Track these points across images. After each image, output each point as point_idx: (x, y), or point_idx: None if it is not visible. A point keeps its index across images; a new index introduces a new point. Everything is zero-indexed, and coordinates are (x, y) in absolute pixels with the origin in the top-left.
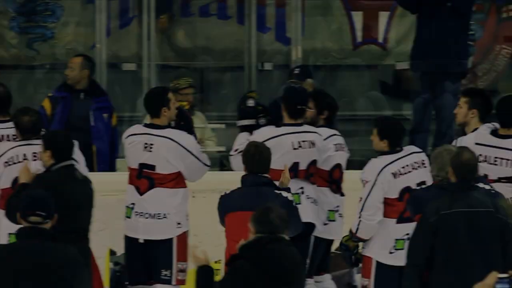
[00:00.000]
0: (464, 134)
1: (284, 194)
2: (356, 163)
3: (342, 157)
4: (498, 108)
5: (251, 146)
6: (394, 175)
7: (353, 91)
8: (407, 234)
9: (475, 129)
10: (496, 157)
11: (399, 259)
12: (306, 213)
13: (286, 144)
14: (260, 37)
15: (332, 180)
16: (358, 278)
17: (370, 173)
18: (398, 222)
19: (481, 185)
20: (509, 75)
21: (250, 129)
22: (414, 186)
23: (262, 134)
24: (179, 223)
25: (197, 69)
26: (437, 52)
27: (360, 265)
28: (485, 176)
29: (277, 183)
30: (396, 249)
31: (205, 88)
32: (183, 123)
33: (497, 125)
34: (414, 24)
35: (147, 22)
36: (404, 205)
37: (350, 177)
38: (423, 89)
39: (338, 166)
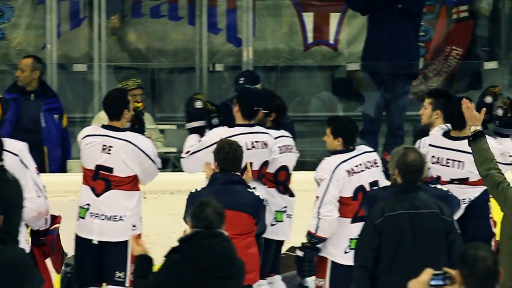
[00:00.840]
0: (426, 134)
1: (256, 192)
2: (309, 164)
3: (288, 159)
4: (450, 110)
5: (225, 144)
6: (349, 173)
7: (305, 92)
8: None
9: None
10: (448, 159)
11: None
12: None
13: (241, 145)
14: (211, 38)
15: (278, 182)
16: (309, 279)
17: (325, 171)
18: (353, 221)
19: (438, 186)
20: (460, 76)
21: (199, 130)
22: (367, 186)
23: (216, 134)
24: (134, 226)
25: (148, 70)
26: (388, 54)
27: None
28: (438, 177)
29: None
30: (351, 249)
31: (156, 89)
32: (137, 126)
33: (450, 126)
34: (365, 25)
35: (98, 23)
36: (358, 204)
37: (303, 178)
38: (380, 89)
39: (283, 168)
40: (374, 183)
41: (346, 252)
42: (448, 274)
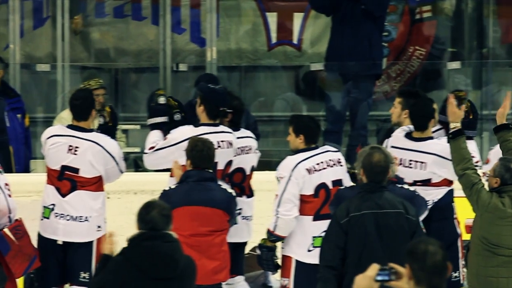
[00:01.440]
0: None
1: (229, 189)
2: (274, 164)
3: (245, 161)
4: (411, 111)
5: (198, 142)
6: (309, 171)
7: (269, 92)
8: (325, 231)
9: None
10: (410, 160)
11: (316, 257)
12: None
13: None
14: (175, 38)
15: (233, 183)
16: (273, 279)
17: (284, 169)
18: (315, 219)
19: (405, 186)
20: (423, 76)
21: (161, 126)
22: (329, 184)
23: (182, 133)
24: (99, 226)
25: (111, 70)
26: (352, 54)
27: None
28: (402, 178)
29: None
30: (314, 247)
31: (119, 89)
32: (111, 124)
33: (412, 127)
34: (329, 25)
35: (61, 23)
36: (320, 202)
37: (267, 178)
38: (342, 90)
39: (239, 170)
40: (337, 182)
41: (309, 251)
42: (394, 269)
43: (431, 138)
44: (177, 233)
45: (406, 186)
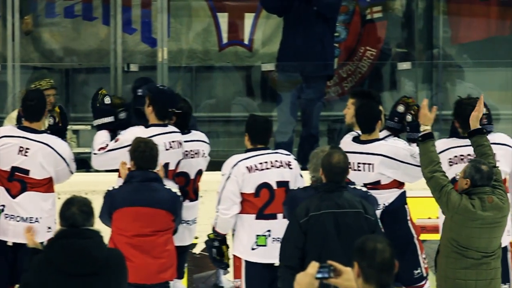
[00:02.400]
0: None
1: (173, 189)
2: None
3: (189, 165)
4: (357, 114)
5: (140, 143)
6: (249, 169)
7: (219, 93)
8: (269, 230)
9: None
10: (359, 163)
11: (262, 255)
12: None
13: (159, 145)
14: (126, 38)
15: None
16: (224, 279)
17: (226, 167)
18: (258, 218)
19: (358, 186)
20: (374, 77)
21: (108, 126)
22: (273, 184)
23: (133, 134)
24: (49, 228)
25: (62, 70)
26: (304, 55)
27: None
28: (352, 183)
29: None
30: (258, 245)
31: (70, 89)
32: (61, 124)
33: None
34: (280, 25)
35: (11, 23)
36: (262, 202)
37: (217, 179)
38: (294, 90)
39: (182, 174)
40: (282, 183)
41: (253, 249)
42: (333, 267)
43: (378, 139)
44: (120, 233)
45: (358, 187)
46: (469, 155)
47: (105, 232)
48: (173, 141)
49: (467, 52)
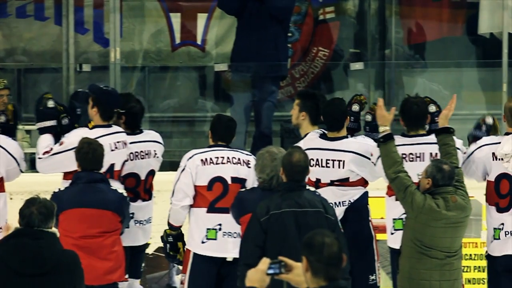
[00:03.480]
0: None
1: (120, 190)
2: (175, 165)
3: (139, 166)
4: (324, 112)
5: (84, 144)
6: (203, 162)
7: (172, 93)
8: (220, 224)
9: (308, 133)
10: (328, 159)
11: (211, 249)
12: None
13: (105, 146)
14: (78, 38)
15: (126, 188)
16: (177, 280)
17: (183, 160)
18: (209, 211)
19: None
20: (326, 77)
21: (51, 130)
22: (228, 179)
23: (78, 137)
24: (0, 228)
25: (14, 70)
26: (257, 56)
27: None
28: (318, 180)
29: None
30: (208, 239)
31: (22, 89)
32: (12, 122)
33: (319, 131)
34: (232, 25)
35: None
36: (215, 195)
37: (171, 179)
38: (247, 90)
39: (132, 175)
40: (238, 180)
41: (203, 242)
42: (284, 263)
43: (346, 137)
44: (67, 235)
45: (311, 188)
46: (410, 154)
47: None
48: (118, 142)
49: (419, 52)
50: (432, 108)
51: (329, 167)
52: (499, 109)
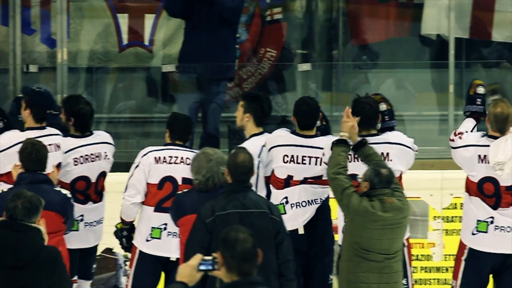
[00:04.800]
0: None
1: (63, 191)
2: (121, 166)
3: (89, 169)
4: (295, 111)
5: (27, 145)
6: (157, 160)
7: (120, 94)
8: (165, 224)
9: (253, 134)
10: (304, 156)
11: (155, 248)
12: None
13: None
14: (25, 39)
15: (75, 190)
16: (124, 280)
17: (138, 157)
18: (156, 210)
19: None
20: (274, 78)
21: None
22: (178, 179)
23: (8, 139)
24: None
25: None
26: (206, 57)
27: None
28: (290, 177)
29: None
30: (152, 237)
31: None
32: None
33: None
34: (180, 26)
35: None
36: (164, 195)
37: (120, 180)
38: (194, 91)
39: (83, 178)
40: (190, 181)
41: (148, 241)
42: (217, 259)
43: (317, 135)
44: None
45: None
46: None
47: None
48: (49, 144)
49: (366, 53)
50: (382, 107)
51: (305, 163)
52: (446, 110)
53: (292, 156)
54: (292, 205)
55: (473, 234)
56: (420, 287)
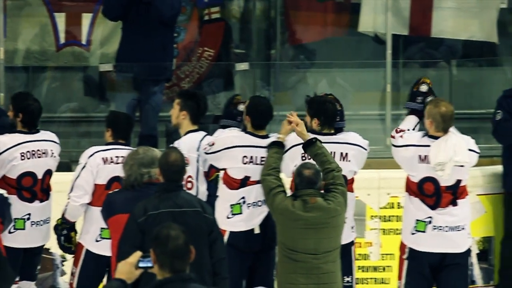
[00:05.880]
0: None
1: (0, 191)
2: (63, 165)
3: (36, 165)
4: (249, 111)
5: None
6: (104, 160)
7: (58, 93)
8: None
9: (189, 131)
10: (262, 157)
11: (105, 248)
12: None
13: None
14: None
15: (22, 187)
16: (61, 281)
17: (83, 157)
18: None
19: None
20: (212, 77)
21: None
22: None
23: None
24: None
25: None
26: (143, 56)
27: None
28: (247, 178)
29: None
30: (102, 238)
31: None
32: None
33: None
34: (118, 26)
35: None
36: None
37: (65, 179)
38: (132, 91)
39: (29, 174)
40: None
41: (97, 241)
42: None
43: (268, 135)
44: None
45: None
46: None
47: None
48: None
49: (304, 52)
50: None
51: (263, 164)
52: (383, 110)
53: (252, 157)
54: (249, 205)
55: (412, 234)
56: (357, 286)
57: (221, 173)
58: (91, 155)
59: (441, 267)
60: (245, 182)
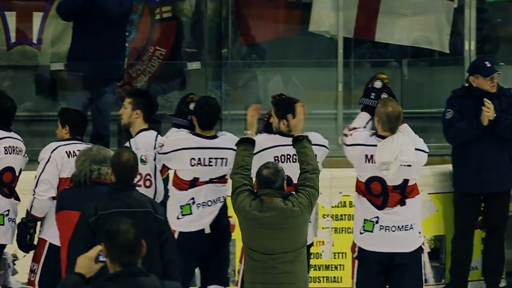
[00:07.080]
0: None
1: None
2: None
3: (15, 160)
4: (197, 111)
5: None
6: (68, 154)
7: (9, 93)
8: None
9: (141, 130)
10: (211, 158)
11: None
12: None
13: None
14: None
15: (2, 183)
16: (13, 280)
17: (45, 152)
18: None
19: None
20: (164, 76)
21: None
22: None
23: None
24: None
25: None
26: (95, 55)
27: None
28: (196, 179)
29: None
30: None
31: None
32: None
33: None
34: (69, 25)
35: None
36: None
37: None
38: (84, 90)
39: (9, 169)
40: None
41: None
42: None
43: (218, 136)
44: None
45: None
46: (294, 154)
47: None
48: None
49: (255, 51)
50: None
51: (211, 165)
52: (334, 109)
53: (199, 159)
54: (199, 205)
55: (361, 233)
56: (309, 285)
57: (171, 174)
58: (54, 149)
59: (393, 267)
60: (194, 183)
